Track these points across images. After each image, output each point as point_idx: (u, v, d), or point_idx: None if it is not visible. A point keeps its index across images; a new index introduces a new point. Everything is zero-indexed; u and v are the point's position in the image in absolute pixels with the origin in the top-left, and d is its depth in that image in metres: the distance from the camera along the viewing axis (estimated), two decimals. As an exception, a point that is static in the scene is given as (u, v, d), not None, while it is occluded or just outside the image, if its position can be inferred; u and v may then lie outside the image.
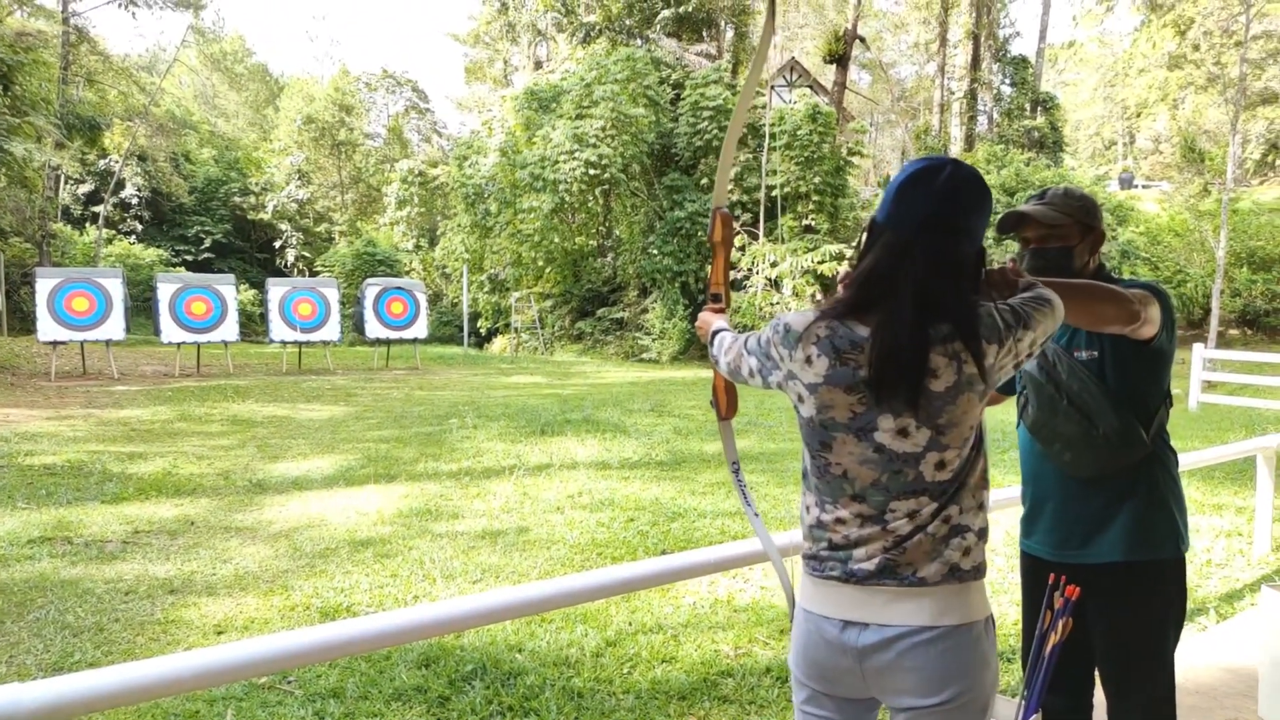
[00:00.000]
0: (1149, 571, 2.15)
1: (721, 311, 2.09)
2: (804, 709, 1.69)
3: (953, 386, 1.48)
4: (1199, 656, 3.87)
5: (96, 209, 31.05)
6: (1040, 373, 2.22)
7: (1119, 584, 2.15)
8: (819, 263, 21.15)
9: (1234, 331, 18.71)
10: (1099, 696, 2.34)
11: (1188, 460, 5.03)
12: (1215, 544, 5.71)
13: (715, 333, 1.99)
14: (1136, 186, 34.87)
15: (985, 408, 1.58)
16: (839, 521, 1.58)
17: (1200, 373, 13.25)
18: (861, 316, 1.53)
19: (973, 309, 1.49)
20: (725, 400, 2.16)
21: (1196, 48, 22.97)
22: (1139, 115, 39.99)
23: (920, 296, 1.47)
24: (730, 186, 22.61)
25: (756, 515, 2.13)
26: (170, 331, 16.13)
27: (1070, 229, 2.19)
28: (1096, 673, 2.32)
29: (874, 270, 1.53)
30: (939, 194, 1.51)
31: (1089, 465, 2.15)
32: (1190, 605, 4.55)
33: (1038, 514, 2.31)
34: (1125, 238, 19.96)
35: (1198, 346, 13.50)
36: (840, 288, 1.62)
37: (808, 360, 1.56)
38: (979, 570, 1.56)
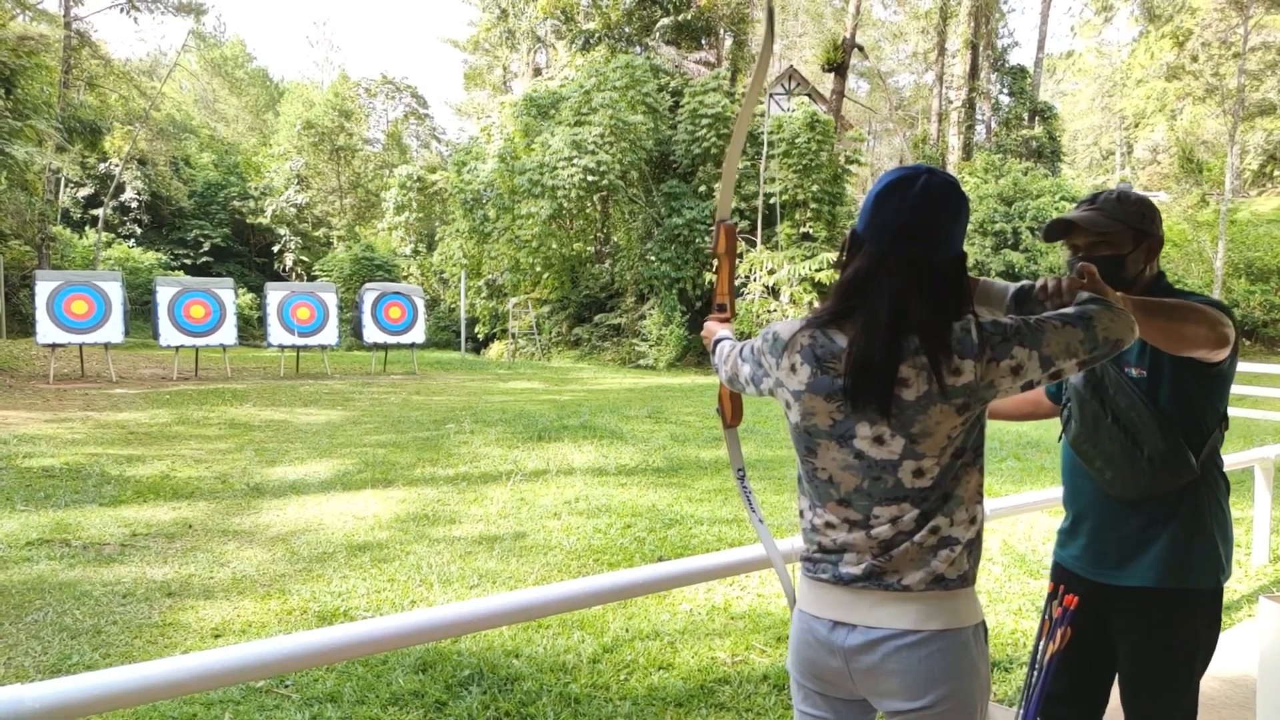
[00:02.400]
0: (1183, 599, 2.07)
1: (726, 321, 2.12)
2: (801, 709, 1.71)
3: (923, 397, 1.49)
4: (1195, 666, 3.86)
5: (96, 212, 31.07)
6: (1085, 387, 2.12)
7: (1151, 609, 2.08)
8: (816, 270, 21.17)
9: (1231, 342, 18.74)
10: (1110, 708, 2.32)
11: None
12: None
13: (717, 341, 2.02)
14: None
15: (977, 420, 1.56)
16: (828, 525, 1.61)
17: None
18: (842, 325, 1.56)
19: (943, 322, 1.49)
20: (730, 408, 2.18)
21: (1195, 59, 23.06)
22: (1137, 125, 40.13)
23: (895, 307, 1.49)
24: (729, 193, 22.58)
25: (761, 521, 2.15)
26: (169, 335, 16.12)
27: (1122, 236, 2.05)
28: (1114, 691, 2.25)
29: (853, 280, 1.56)
30: (913, 203, 1.52)
31: (1130, 486, 2.05)
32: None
33: (1075, 530, 2.23)
34: (1123, 247, 20.02)
35: (1195, 356, 13.50)
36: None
37: (792, 368, 1.60)
38: (965, 579, 1.57)
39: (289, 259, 37.62)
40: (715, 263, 2.20)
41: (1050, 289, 1.62)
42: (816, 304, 20.89)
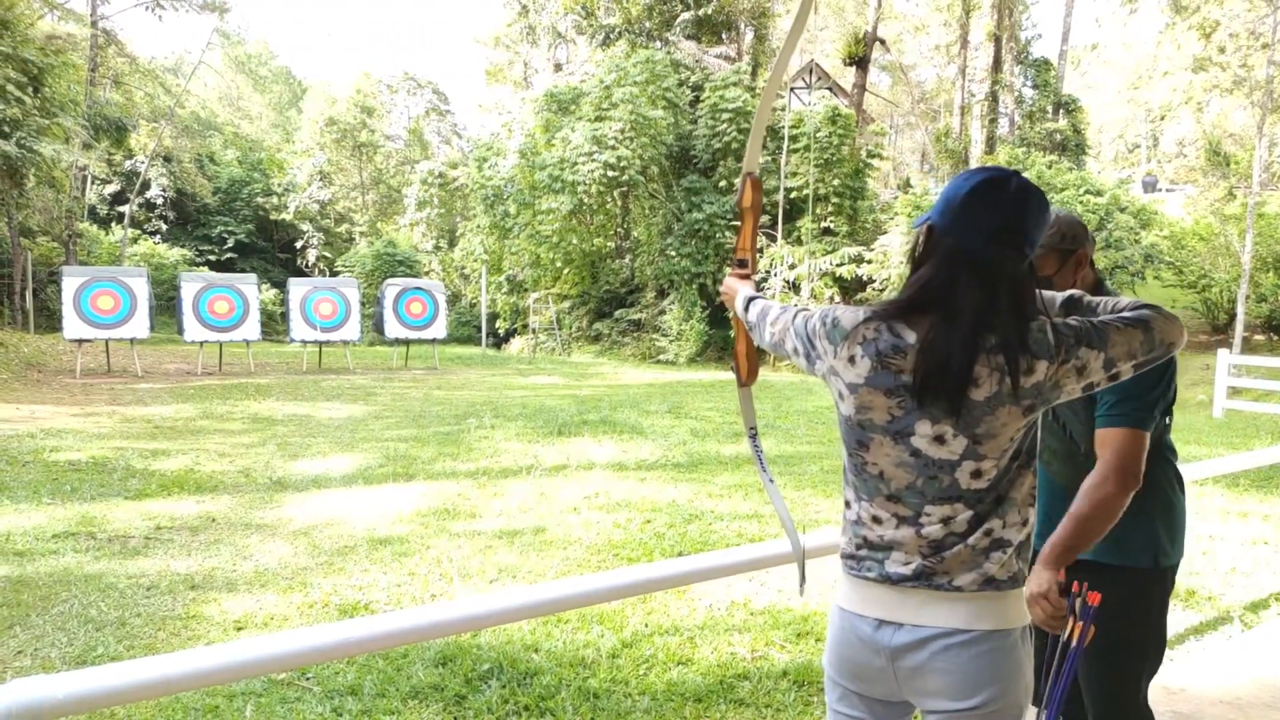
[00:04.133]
0: (1121, 575, 2.18)
1: (747, 278, 2.07)
2: (836, 708, 1.69)
3: (993, 397, 1.47)
4: (1224, 666, 3.82)
5: (122, 209, 31.45)
6: None
7: (1093, 582, 2.13)
8: (837, 265, 21.07)
9: (1259, 337, 18.44)
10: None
11: (1212, 467, 4.97)
12: (1240, 552, 5.63)
13: (750, 299, 1.97)
14: (1160, 190, 34.51)
15: (1036, 423, 1.55)
16: (875, 520, 1.59)
17: (1225, 379, 13.08)
18: (911, 320, 1.52)
19: (1023, 323, 1.47)
20: (746, 366, 2.16)
21: (1222, 50, 22.68)
22: (1163, 118, 39.55)
23: (981, 307, 1.46)
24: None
25: (771, 481, 2.14)
26: (193, 330, 16.30)
27: (1045, 259, 2.16)
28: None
29: (934, 278, 1.52)
30: (1009, 206, 1.50)
31: (1073, 477, 2.15)
32: (1215, 614, 4.51)
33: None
34: (1149, 241, 19.74)
35: (1223, 352, 13.34)
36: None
37: (851, 360, 1.56)
38: (1016, 579, 1.55)
39: (311, 255, 37.93)
40: (739, 216, 2.17)
41: None
42: (837, 299, 20.80)
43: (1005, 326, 1.46)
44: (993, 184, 1.52)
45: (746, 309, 1.97)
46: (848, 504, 1.67)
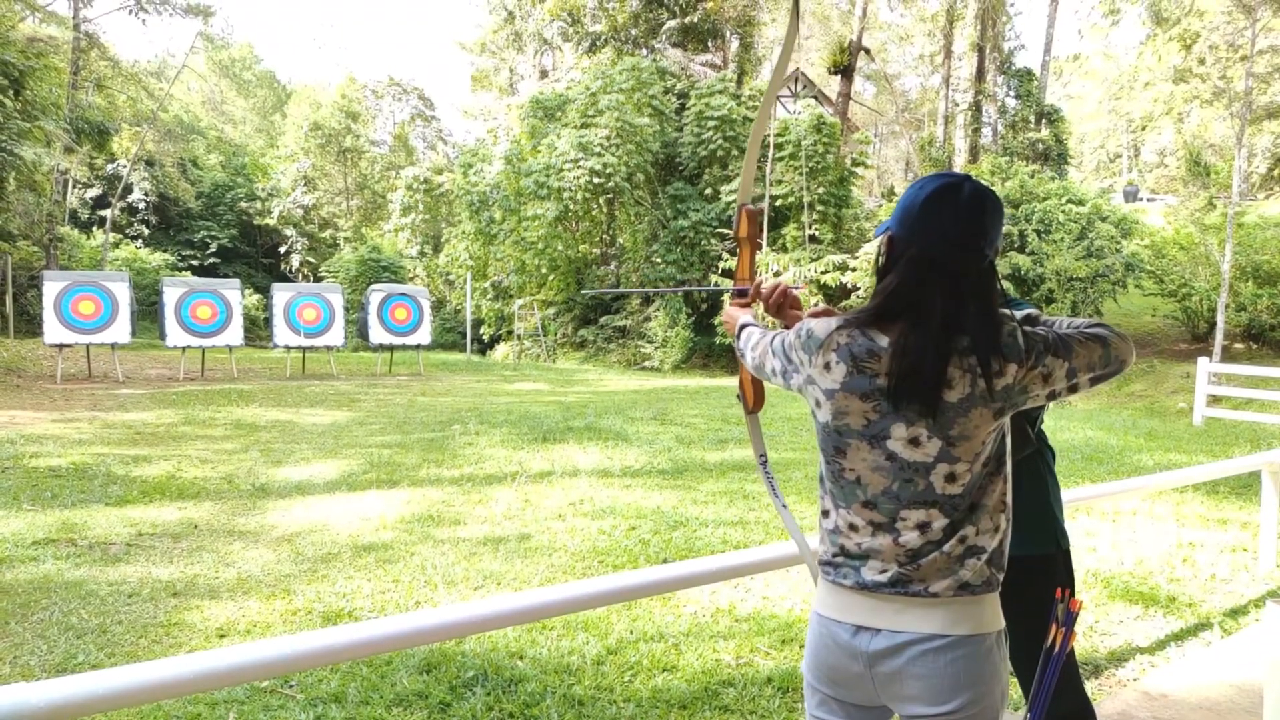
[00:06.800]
0: (1037, 565, 2.22)
1: (747, 307, 2.11)
2: (815, 714, 1.70)
3: (965, 399, 1.49)
4: (1204, 672, 3.85)
5: (104, 213, 31.21)
6: None
7: (1012, 578, 2.16)
8: (823, 273, 21.16)
9: (1239, 346, 18.63)
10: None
11: (1192, 474, 5.02)
12: (1220, 559, 5.69)
13: (743, 327, 2.01)
14: (1142, 200, 34.89)
15: (1003, 427, 1.57)
16: (852, 527, 1.61)
17: (1205, 387, 13.21)
18: (883, 326, 1.55)
19: (996, 325, 1.50)
20: (752, 394, 2.17)
21: (1202, 61, 22.98)
22: (1144, 128, 40.04)
23: (950, 310, 1.49)
24: (734, 196, 22.69)
25: (785, 506, 2.15)
26: (175, 335, 16.18)
27: None
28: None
29: (900, 286, 1.55)
30: (966, 210, 1.53)
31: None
32: (1195, 620, 4.55)
33: None
34: (1130, 251, 19.92)
35: (1203, 360, 13.47)
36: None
37: (826, 366, 1.59)
38: (990, 584, 1.57)
39: (295, 260, 37.76)
40: (736, 248, 2.20)
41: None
42: (824, 305, 20.86)
43: (976, 328, 1.49)
44: (947, 190, 1.55)
45: (739, 336, 2.00)
46: (825, 513, 1.68)
